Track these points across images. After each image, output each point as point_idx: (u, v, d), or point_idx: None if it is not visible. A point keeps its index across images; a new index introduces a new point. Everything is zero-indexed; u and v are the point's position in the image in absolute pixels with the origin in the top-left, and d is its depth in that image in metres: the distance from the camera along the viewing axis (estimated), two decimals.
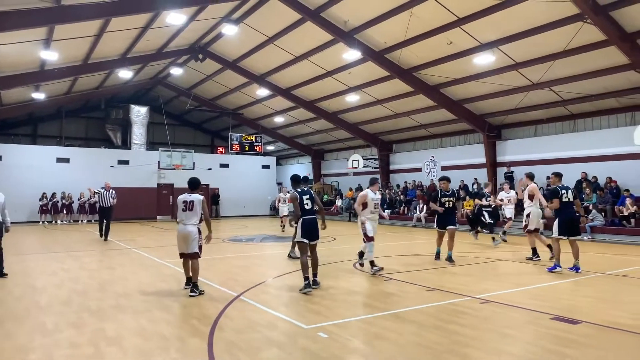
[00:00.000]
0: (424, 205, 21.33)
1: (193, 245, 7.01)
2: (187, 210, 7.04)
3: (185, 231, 7.00)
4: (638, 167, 16.01)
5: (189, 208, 7.04)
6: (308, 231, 7.22)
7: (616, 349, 4.65)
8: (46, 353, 4.47)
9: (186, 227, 7.00)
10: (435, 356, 4.39)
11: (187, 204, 7.06)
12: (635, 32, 12.87)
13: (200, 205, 7.08)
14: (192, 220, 7.04)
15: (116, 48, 18.99)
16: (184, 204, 7.06)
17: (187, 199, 7.09)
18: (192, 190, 7.23)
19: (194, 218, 7.05)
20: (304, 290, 6.95)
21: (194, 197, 7.12)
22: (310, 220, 7.29)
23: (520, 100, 17.97)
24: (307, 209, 7.34)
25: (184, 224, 7.01)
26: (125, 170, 26.46)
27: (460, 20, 14.64)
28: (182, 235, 7.03)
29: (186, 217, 7.03)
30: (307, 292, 6.91)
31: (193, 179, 7.32)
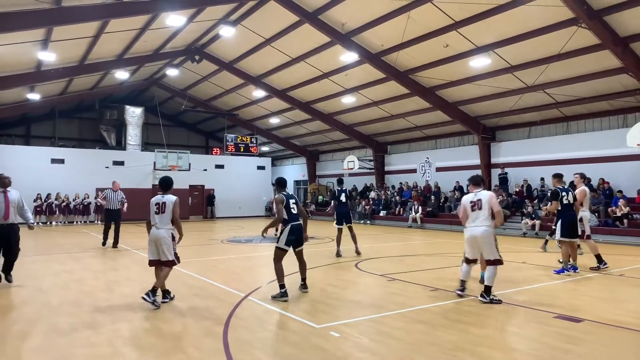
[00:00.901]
0: (419, 206, 21.54)
1: (167, 253, 6.51)
2: (159, 213, 6.51)
3: (157, 236, 6.50)
4: (630, 169, 16.34)
5: (161, 210, 6.51)
6: (296, 239, 6.93)
7: (619, 345, 4.81)
8: (65, 353, 4.54)
9: (159, 232, 6.50)
10: (446, 353, 4.52)
11: (159, 206, 6.53)
12: (628, 36, 13.17)
13: (172, 207, 6.53)
14: (165, 224, 6.52)
15: (113, 49, 18.98)
16: (157, 207, 6.54)
17: (160, 201, 6.56)
18: (165, 191, 6.67)
19: (167, 221, 6.53)
20: (280, 298, 6.62)
21: (167, 199, 6.57)
22: (298, 227, 6.95)
23: (514, 102, 18.24)
24: (294, 214, 6.97)
25: (157, 227, 6.52)
26: (120, 171, 26.36)
27: (456, 23, 14.86)
28: (154, 240, 6.52)
29: (159, 221, 6.52)
30: (283, 300, 6.58)
31: (165, 178, 6.79)
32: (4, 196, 7.60)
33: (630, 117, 16.39)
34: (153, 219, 6.59)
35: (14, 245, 7.73)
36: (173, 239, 6.62)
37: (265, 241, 15.35)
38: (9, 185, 7.76)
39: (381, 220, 23.37)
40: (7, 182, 7.73)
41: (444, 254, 11.99)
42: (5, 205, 7.54)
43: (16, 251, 7.80)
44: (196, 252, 12.86)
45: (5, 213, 7.53)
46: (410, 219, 21.49)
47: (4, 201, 7.55)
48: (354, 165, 25.49)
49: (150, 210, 6.64)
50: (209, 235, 18.54)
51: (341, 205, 11.63)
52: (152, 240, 6.57)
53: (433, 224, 20.83)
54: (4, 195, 7.61)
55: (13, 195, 7.68)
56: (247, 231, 19.29)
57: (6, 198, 7.57)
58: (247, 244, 14.68)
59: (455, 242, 15.12)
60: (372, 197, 25.18)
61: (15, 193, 7.72)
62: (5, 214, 7.53)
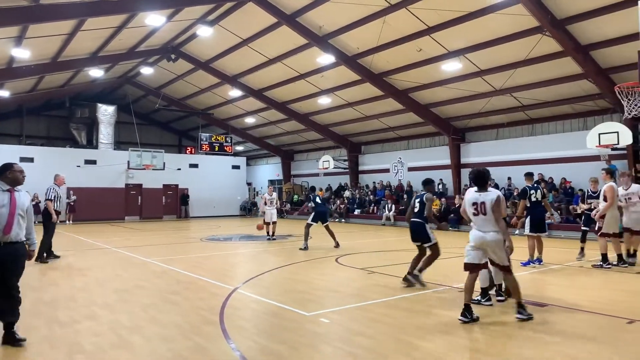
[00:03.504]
0: (392, 205, 22.18)
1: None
2: (479, 215, 5.63)
3: (485, 240, 5.60)
4: (590, 169, 17.28)
5: (481, 211, 5.60)
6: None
7: (578, 325, 5.39)
8: (72, 342, 4.77)
9: (485, 235, 5.57)
10: (432, 334, 5.01)
11: (477, 207, 5.63)
12: (588, 44, 14.07)
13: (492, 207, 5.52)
14: (489, 226, 5.55)
15: (88, 47, 18.81)
16: (474, 207, 5.67)
17: (478, 200, 5.64)
18: (481, 186, 5.66)
19: (491, 223, 5.55)
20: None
21: (485, 197, 5.58)
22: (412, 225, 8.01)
23: (483, 105, 19.06)
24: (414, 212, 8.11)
25: (483, 231, 5.60)
26: (93, 170, 26.04)
27: (430, 29, 15.48)
28: (479, 245, 5.64)
29: (481, 224, 5.62)
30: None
31: (479, 170, 5.76)
32: (10, 198, 4.72)
33: (589, 120, 17.42)
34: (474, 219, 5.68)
35: (16, 277, 4.76)
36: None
37: (244, 239, 15.63)
38: (22, 183, 4.90)
39: (356, 219, 23.91)
40: (21, 178, 4.88)
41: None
42: (10, 213, 4.65)
43: (17, 292, 4.77)
44: (178, 250, 13.04)
45: (7, 225, 4.62)
46: (383, 217, 22.09)
47: (9, 205, 4.68)
48: (329, 165, 25.95)
49: (466, 209, 5.78)
50: (186, 234, 18.63)
51: (318, 205, 12.56)
52: (477, 245, 5.61)
53: (406, 222, 21.41)
54: (9, 196, 4.73)
55: (22, 198, 4.84)
56: (224, 230, 19.45)
57: (12, 201, 4.71)
58: (226, 242, 14.90)
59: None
60: (347, 196, 25.70)
61: (25, 196, 4.91)
62: (7, 226, 4.62)
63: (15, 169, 4.85)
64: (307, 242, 12.06)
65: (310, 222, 12.35)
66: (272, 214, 14.59)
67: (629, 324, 5.35)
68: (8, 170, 4.81)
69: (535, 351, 4.47)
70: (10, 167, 4.83)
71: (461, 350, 4.63)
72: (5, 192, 4.73)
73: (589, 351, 4.49)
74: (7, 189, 4.76)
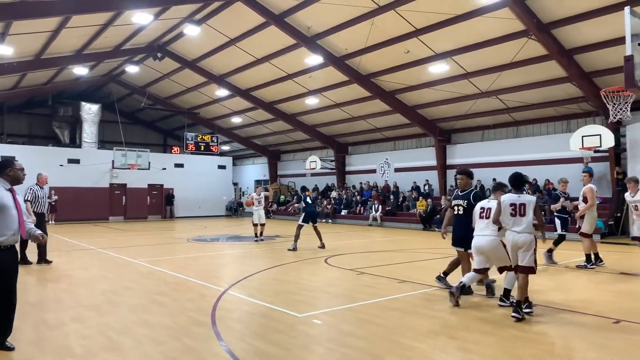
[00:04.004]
0: (379, 205, 22.28)
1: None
2: (516, 216, 5.77)
3: (516, 241, 5.76)
4: (573, 171, 17.58)
5: (519, 213, 5.74)
6: None
7: (566, 325, 5.47)
8: (61, 345, 4.68)
9: (519, 236, 5.74)
10: (425, 335, 5.03)
11: (516, 208, 5.77)
12: (572, 48, 14.33)
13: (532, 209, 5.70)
14: (526, 227, 5.69)
15: (72, 44, 18.52)
16: (512, 208, 5.79)
17: (517, 202, 5.78)
18: (517, 189, 5.85)
19: (527, 224, 5.69)
20: None
21: (525, 199, 5.78)
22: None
23: (469, 107, 19.27)
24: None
25: (517, 232, 5.76)
26: (76, 169, 25.63)
27: (417, 31, 15.60)
28: (512, 245, 5.82)
29: (517, 224, 5.76)
30: None
31: (516, 175, 5.89)
32: (13, 199, 4.43)
33: (573, 122, 17.73)
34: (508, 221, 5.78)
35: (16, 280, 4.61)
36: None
37: (231, 240, 15.54)
38: (23, 182, 4.62)
39: (342, 219, 23.95)
40: (22, 177, 4.54)
41: (404, 250, 12.66)
42: (19, 213, 4.41)
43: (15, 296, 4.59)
44: (165, 250, 12.92)
45: (21, 227, 4.43)
46: (370, 217, 22.17)
47: (14, 207, 4.40)
48: (316, 166, 25.96)
49: (502, 211, 5.82)
50: (172, 234, 18.44)
51: (308, 205, 12.59)
52: (511, 247, 5.78)
53: (392, 222, 21.61)
54: (12, 197, 4.43)
55: (20, 199, 4.57)
56: (211, 230, 19.31)
57: (16, 202, 4.44)
58: (213, 242, 14.79)
59: (414, 238, 15.90)
60: (334, 197, 25.73)
61: (19, 197, 4.60)
62: (22, 228, 4.43)
63: (17, 167, 4.50)
64: (296, 243, 12.03)
65: (302, 223, 12.32)
66: (261, 215, 14.33)
67: (615, 323, 5.46)
68: (9, 167, 4.45)
69: (526, 351, 4.53)
70: (11, 165, 4.47)
71: (453, 350, 4.67)
72: (7, 192, 4.38)
73: (578, 350, 4.56)
74: (8, 189, 4.43)
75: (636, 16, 6.51)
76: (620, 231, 15.63)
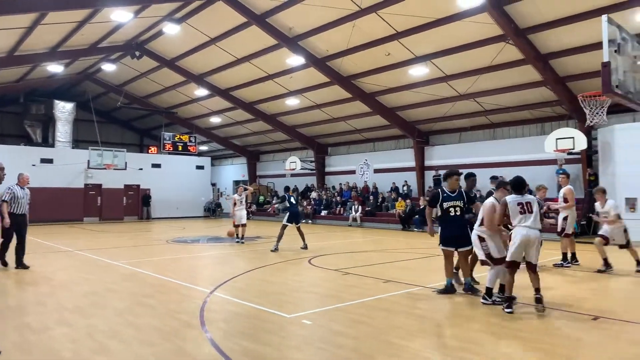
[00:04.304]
0: (359, 206, 22.43)
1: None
2: (525, 213, 6.10)
3: (530, 237, 6.07)
4: (547, 172, 18.13)
5: (528, 210, 6.09)
6: None
7: (548, 322, 5.66)
8: (49, 348, 4.59)
9: (532, 232, 6.09)
10: (408, 332, 5.13)
11: (524, 206, 6.11)
12: (548, 53, 14.74)
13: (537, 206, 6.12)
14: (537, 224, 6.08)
15: (47, 41, 18.06)
16: (520, 206, 6.11)
17: (523, 201, 6.14)
18: (519, 192, 6.23)
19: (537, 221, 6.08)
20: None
21: (529, 198, 6.22)
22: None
23: (447, 109, 19.59)
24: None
25: (530, 227, 6.07)
26: (49, 169, 24.95)
27: (398, 34, 15.78)
28: (525, 242, 6.09)
29: (528, 220, 6.08)
30: None
31: (518, 178, 6.30)
32: None
33: (547, 125, 18.22)
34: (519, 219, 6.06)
35: None
36: None
37: (212, 241, 15.41)
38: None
39: (322, 220, 24.02)
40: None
41: (385, 250, 12.81)
42: None
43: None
44: (145, 252, 12.72)
45: None
46: (350, 218, 22.30)
47: None
48: (296, 166, 25.96)
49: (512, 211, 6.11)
50: (150, 235, 18.17)
51: (292, 206, 12.58)
52: (523, 242, 6.01)
53: (372, 223, 21.78)
54: None
55: None
56: (190, 232, 19.10)
57: None
58: (194, 244, 14.64)
59: (393, 239, 16.08)
60: (314, 197, 25.78)
61: None
62: None
63: None
64: (278, 244, 12.02)
65: (286, 223, 12.30)
66: (242, 215, 14.14)
67: (593, 320, 5.67)
68: None
69: (511, 346, 4.67)
70: None
71: (441, 348, 4.78)
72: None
73: (562, 346, 4.72)
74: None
75: (612, 24, 6.74)
76: (592, 231, 16.13)
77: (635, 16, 12.03)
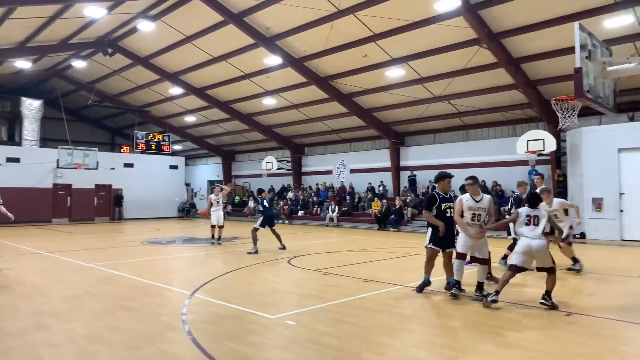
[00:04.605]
0: (335, 206, 22.55)
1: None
2: (531, 225, 6.52)
3: (532, 246, 6.40)
4: (519, 173, 18.63)
5: (533, 223, 6.50)
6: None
7: (526, 319, 5.86)
8: (30, 353, 4.48)
9: (534, 242, 6.41)
10: (392, 330, 5.23)
11: (531, 219, 6.53)
12: (520, 57, 15.18)
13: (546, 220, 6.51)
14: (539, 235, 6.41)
15: (14, 36, 17.53)
16: (527, 219, 6.54)
17: (532, 214, 6.55)
18: (534, 206, 6.62)
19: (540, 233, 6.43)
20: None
21: (539, 213, 6.55)
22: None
23: (422, 111, 19.91)
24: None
25: (532, 238, 6.43)
26: (16, 168, 24.14)
27: (375, 35, 15.97)
28: (529, 251, 6.40)
29: (532, 232, 6.47)
30: None
31: (535, 194, 6.82)
32: None
33: (518, 127, 18.73)
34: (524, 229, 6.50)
35: None
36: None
37: (188, 242, 15.23)
38: None
39: (299, 220, 24.04)
40: None
41: (363, 250, 12.94)
42: None
43: None
44: (119, 254, 12.47)
45: None
46: (327, 218, 22.40)
47: None
48: (273, 166, 25.89)
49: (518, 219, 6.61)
50: (124, 237, 17.82)
51: (266, 209, 12.32)
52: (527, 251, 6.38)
53: (348, 223, 21.94)
54: None
55: None
56: (165, 233, 18.82)
57: None
58: (170, 245, 14.44)
59: (370, 238, 16.25)
60: (290, 198, 25.76)
61: None
62: None
63: None
64: (256, 247, 11.86)
65: (258, 227, 12.02)
66: (219, 216, 13.85)
67: (567, 316, 5.89)
68: None
69: (493, 342, 4.82)
70: None
71: (426, 345, 4.88)
72: None
73: (539, 342, 4.89)
74: None
75: (584, 31, 7.01)
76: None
77: (602, 23, 12.50)
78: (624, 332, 5.49)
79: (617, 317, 5.86)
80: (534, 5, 12.99)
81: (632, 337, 5.40)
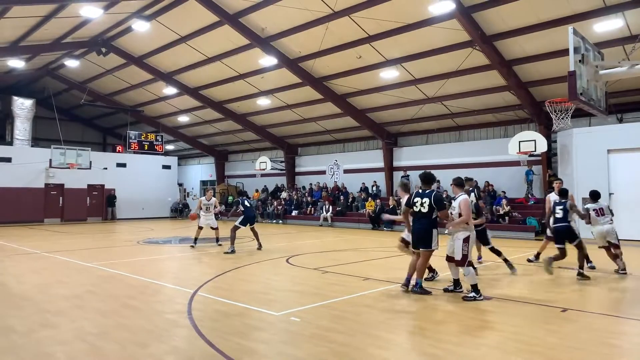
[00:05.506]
0: (329, 206, 22.69)
1: None
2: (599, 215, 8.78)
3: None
4: (510, 173, 19.01)
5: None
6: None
7: (522, 314, 6.03)
8: (39, 351, 4.54)
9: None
10: (396, 327, 5.36)
11: (597, 211, 8.68)
12: (512, 59, 15.43)
13: None
14: None
15: (8, 35, 17.41)
16: (595, 212, 8.66)
17: (597, 206, 8.64)
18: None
19: None
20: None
21: None
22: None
23: (415, 112, 20.13)
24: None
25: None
26: (7, 168, 23.93)
27: (370, 37, 16.12)
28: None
29: None
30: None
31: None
32: None
33: (510, 128, 19.02)
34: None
35: None
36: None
37: (184, 242, 15.25)
38: None
39: (293, 220, 24.13)
40: None
41: (358, 249, 13.09)
42: None
43: None
44: (117, 253, 12.49)
45: None
46: (321, 218, 22.52)
47: None
48: (266, 166, 25.96)
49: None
50: (118, 236, 17.80)
51: (247, 209, 12.47)
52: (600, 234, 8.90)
53: (342, 222, 22.08)
54: None
55: None
56: (159, 233, 18.81)
57: None
58: (166, 245, 14.47)
59: (365, 238, 16.41)
60: (284, 198, 25.85)
61: None
62: None
63: None
64: (233, 246, 11.89)
65: (238, 225, 12.22)
66: (210, 221, 13.32)
67: (562, 312, 6.08)
68: None
69: (491, 338, 4.98)
70: None
71: (427, 340, 5.02)
72: None
73: (535, 337, 5.06)
74: None
75: (577, 35, 7.23)
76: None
77: (592, 27, 12.77)
78: (616, 327, 5.69)
79: (610, 312, 6.06)
80: (526, 9, 13.23)
81: (623, 331, 5.59)
